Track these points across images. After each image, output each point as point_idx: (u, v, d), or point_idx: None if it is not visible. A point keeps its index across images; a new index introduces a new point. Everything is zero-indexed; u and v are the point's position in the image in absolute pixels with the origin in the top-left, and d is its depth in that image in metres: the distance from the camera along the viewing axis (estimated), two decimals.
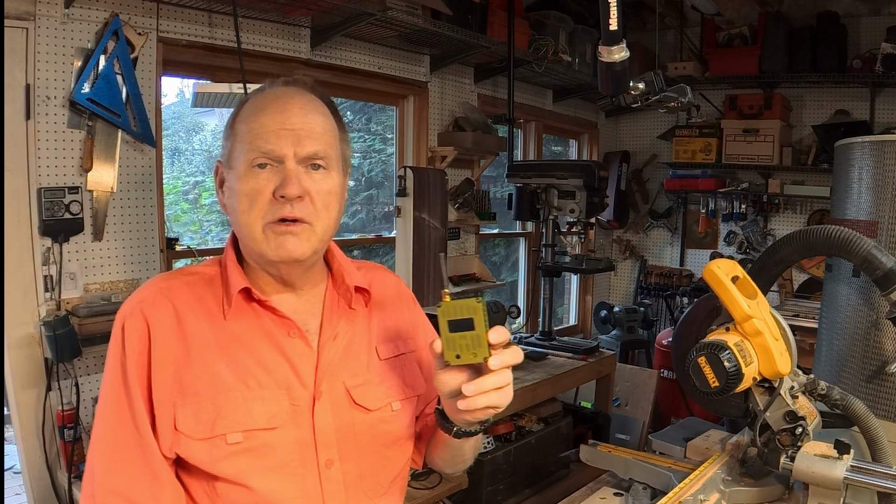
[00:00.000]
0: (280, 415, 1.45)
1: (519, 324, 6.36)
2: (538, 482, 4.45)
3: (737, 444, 2.19)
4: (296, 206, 1.43)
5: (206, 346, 1.45)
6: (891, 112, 6.73)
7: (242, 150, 1.45)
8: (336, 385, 1.53)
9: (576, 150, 8.38)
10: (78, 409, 3.48)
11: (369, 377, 1.58)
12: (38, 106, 3.37)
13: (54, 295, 3.45)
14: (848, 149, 2.71)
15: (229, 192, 1.50)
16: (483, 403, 1.34)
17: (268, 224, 1.44)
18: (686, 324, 2.34)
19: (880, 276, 2.19)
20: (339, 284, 1.62)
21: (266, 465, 1.43)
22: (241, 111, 1.51)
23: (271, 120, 1.44)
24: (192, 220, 6.23)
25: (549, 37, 5.97)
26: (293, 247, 1.45)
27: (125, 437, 1.41)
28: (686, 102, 3.11)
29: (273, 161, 1.44)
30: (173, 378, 1.42)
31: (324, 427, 1.49)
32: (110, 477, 1.41)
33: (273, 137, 1.43)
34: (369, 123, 6.78)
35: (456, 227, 5.84)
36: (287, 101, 1.48)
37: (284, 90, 1.51)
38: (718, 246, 7.85)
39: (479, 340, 1.30)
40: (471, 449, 1.69)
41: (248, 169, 1.44)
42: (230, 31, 4.01)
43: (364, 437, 1.55)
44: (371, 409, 1.56)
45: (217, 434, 1.40)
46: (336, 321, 1.58)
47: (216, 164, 1.56)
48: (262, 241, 1.45)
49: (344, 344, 1.57)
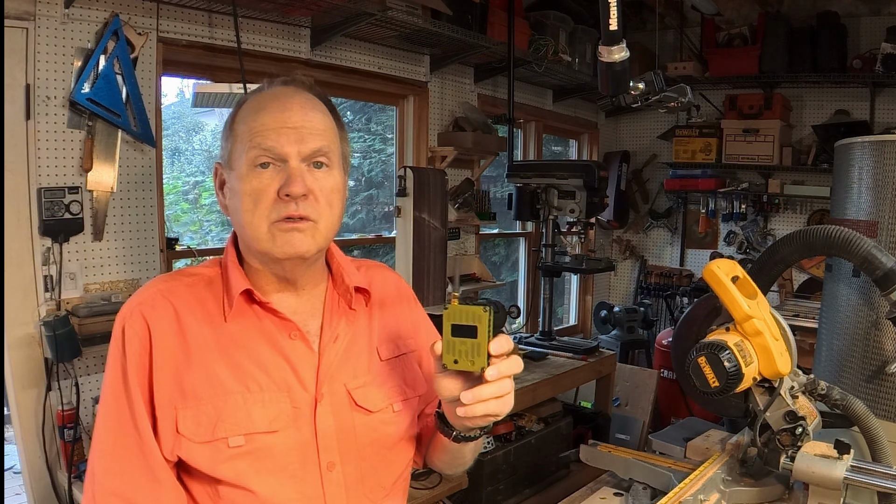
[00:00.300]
0: (281, 418, 1.45)
1: (519, 324, 6.36)
2: (538, 482, 4.45)
3: (737, 444, 2.20)
4: (300, 204, 1.42)
5: (206, 349, 1.45)
6: (891, 112, 6.73)
7: (243, 149, 1.44)
8: (337, 387, 1.52)
9: (576, 150, 8.39)
10: (78, 409, 3.48)
11: (370, 378, 1.58)
12: (38, 106, 3.37)
13: (54, 295, 3.45)
14: (848, 149, 2.71)
15: (231, 193, 1.49)
16: (482, 412, 1.33)
17: (273, 223, 1.43)
18: (686, 324, 2.34)
19: (880, 276, 2.19)
20: (339, 285, 1.61)
21: (267, 468, 1.43)
22: (239, 112, 1.50)
23: (272, 118, 1.44)
24: (193, 220, 6.23)
25: (549, 37, 5.98)
26: (299, 244, 1.44)
27: (125, 439, 1.40)
28: (686, 102, 3.11)
29: (276, 160, 1.43)
30: (174, 380, 1.42)
31: (325, 429, 1.48)
32: (110, 478, 1.41)
33: (274, 135, 1.42)
34: (369, 123, 6.78)
35: (456, 227, 5.84)
36: (287, 100, 1.47)
37: (283, 89, 1.51)
38: (718, 246, 7.85)
39: (478, 349, 1.30)
40: (471, 451, 1.68)
41: (250, 168, 1.43)
42: (230, 31, 4.01)
43: (365, 438, 1.54)
44: (372, 411, 1.56)
45: (218, 437, 1.40)
46: (336, 322, 1.58)
47: (215, 166, 1.55)
48: (268, 239, 1.44)
49: (345, 345, 1.57)
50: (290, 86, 1.53)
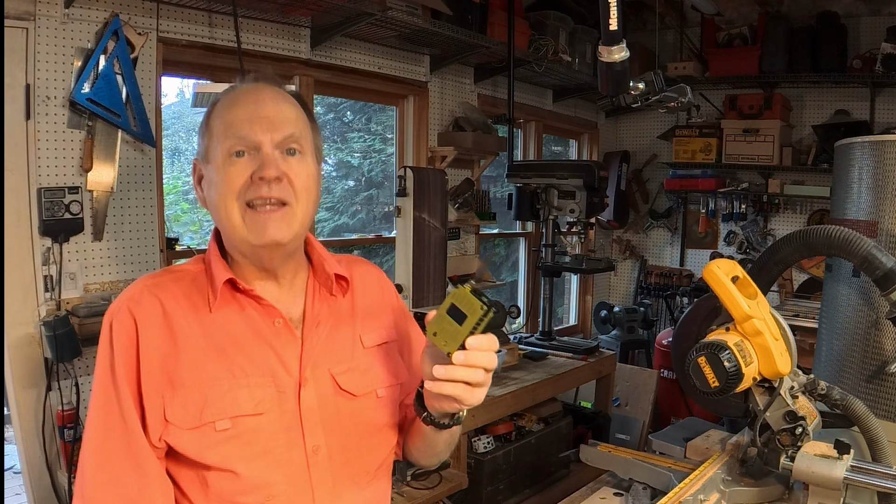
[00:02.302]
0: (266, 401, 1.48)
1: (519, 324, 6.37)
2: (538, 482, 4.46)
3: (737, 444, 2.20)
4: (273, 186, 1.46)
5: (192, 339, 1.48)
6: (891, 112, 6.73)
7: (219, 141, 1.49)
8: (321, 372, 1.56)
9: (576, 150, 8.39)
10: (78, 408, 3.48)
11: (354, 364, 1.61)
12: (38, 106, 3.37)
13: (54, 295, 3.46)
14: (848, 149, 2.71)
15: (208, 185, 1.53)
16: (448, 391, 1.38)
17: (247, 209, 1.46)
18: (686, 324, 2.34)
19: (880, 276, 2.19)
20: (319, 273, 1.65)
21: (253, 452, 1.46)
22: (214, 109, 1.55)
23: (244, 110, 1.49)
24: (192, 220, 6.23)
25: (549, 37, 5.98)
26: (274, 230, 1.47)
27: (113, 432, 1.43)
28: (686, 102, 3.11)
29: (250, 148, 1.47)
30: (161, 371, 1.44)
31: (310, 413, 1.52)
32: (99, 472, 1.44)
33: (248, 125, 1.47)
34: (369, 123, 6.79)
35: (456, 227, 5.85)
36: (259, 94, 1.53)
37: (255, 85, 1.56)
38: (718, 246, 7.85)
39: (457, 336, 1.35)
40: (444, 443, 1.71)
41: (225, 158, 1.47)
42: (230, 31, 4.01)
43: (350, 423, 1.58)
44: (356, 395, 1.59)
45: (206, 422, 1.43)
46: (319, 308, 1.62)
47: (193, 163, 1.60)
48: (242, 226, 1.47)
49: (327, 330, 1.60)
50: (261, 81, 1.58)
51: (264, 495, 1.46)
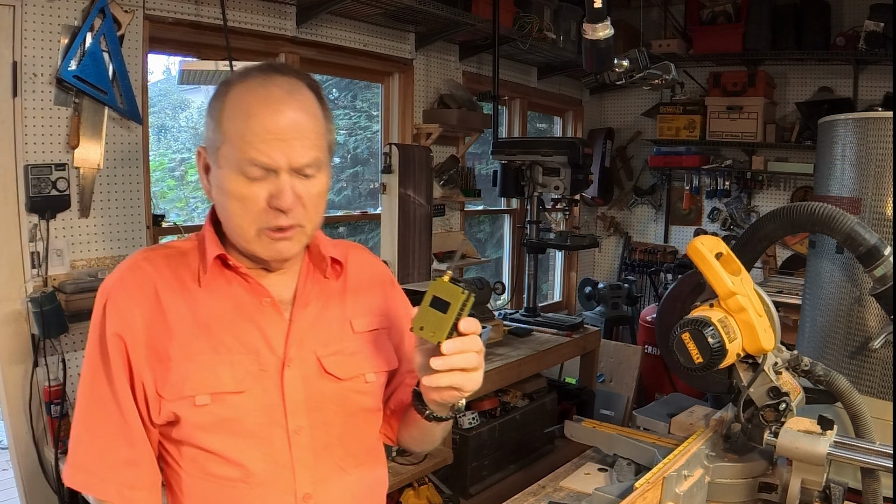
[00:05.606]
0: (247, 378, 1.49)
1: (504, 300, 6.39)
2: (523, 458, 4.48)
3: (720, 420, 2.21)
4: (290, 214, 1.45)
5: (179, 315, 1.49)
6: (874, 89, 6.75)
7: (232, 153, 1.43)
8: (306, 353, 1.56)
9: (560, 127, 8.39)
10: (65, 384, 3.49)
11: (341, 347, 1.61)
12: (24, 83, 3.35)
13: (41, 271, 3.45)
14: (831, 126, 2.73)
15: (217, 189, 1.49)
16: (445, 381, 1.39)
17: (262, 230, 1.46)
18: (670, 300, 2.36)
19: (863, 253, 2.21)
20: (314, 255, 1.65)
21: (233, 430, 1.47)
22: (226, 103, 1.47)
23: (261, 124, 1.42)
24: (179, 197, 6.20)
25: (534, 14, 5.97)
26: (286, 249, 1.50)
27: (102, 404, 1.47)
28: (670, 79, 3.13)
29: (267, 171, 1.43)
30: (148, 345, 1.46)
31: (293, 393, 1.52)
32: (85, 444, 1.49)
33: (265, 148, 1.41)
34: (355, 100, 6.76)
35: (441, 204, 5.86)
36: (278, 105, 1.44)
37: (272, 90, 1.46)
38: (702, 222, 7.88)
39: (443, 324, 1.37)
40: (441, 431, 1.73)
41: (238, 174, 1.43)
42: (216, 8, 3.99)
43: (334, 406, 1.58)
44: (342, 379, 1.59)
45: (185, 395, 1.44)
46: (311, 289, 1.62)
47: (199, 149, 1.55)
48: (256, 242, 1.48)
49: (316, 311, 1.61)
50: (277, 75, 1.49)
51: (242, 472, 1.48)
